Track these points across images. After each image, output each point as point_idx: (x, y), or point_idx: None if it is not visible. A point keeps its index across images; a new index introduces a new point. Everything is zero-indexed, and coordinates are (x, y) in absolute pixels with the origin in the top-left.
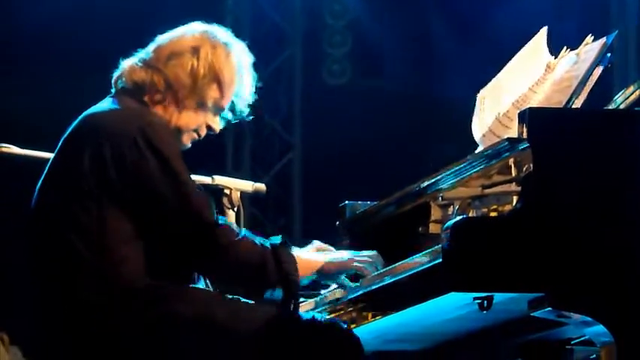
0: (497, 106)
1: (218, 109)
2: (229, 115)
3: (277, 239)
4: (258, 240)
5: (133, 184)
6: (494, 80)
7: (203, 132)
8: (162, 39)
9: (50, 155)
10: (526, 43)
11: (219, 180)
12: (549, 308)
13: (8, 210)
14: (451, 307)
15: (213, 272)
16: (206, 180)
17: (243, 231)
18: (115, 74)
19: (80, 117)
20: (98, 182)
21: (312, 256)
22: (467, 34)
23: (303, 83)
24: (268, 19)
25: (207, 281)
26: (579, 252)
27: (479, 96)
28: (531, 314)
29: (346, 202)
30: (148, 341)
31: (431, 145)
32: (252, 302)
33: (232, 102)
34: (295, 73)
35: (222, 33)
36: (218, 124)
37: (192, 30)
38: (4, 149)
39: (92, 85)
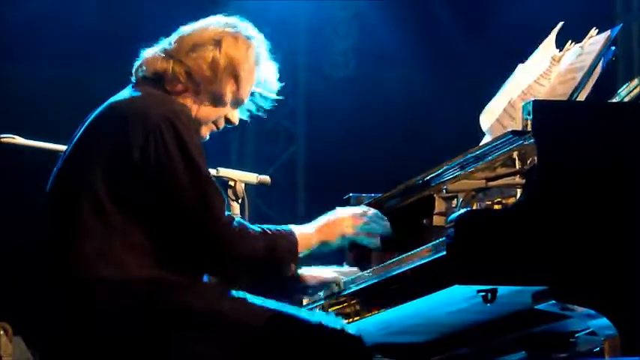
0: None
1: (237, 103)
2: (254, 109)
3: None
4: (256, 226)
5: (154, 170)
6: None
7: (221, 124)
8: (185, 30)
9: (55, 146)
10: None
11: (224, 172)
12: (553, 301)
13: (12, 199)
14: (455, 300)
15: (220, 269)
16: (211, 172)
17: (237, 219)
18: (136, 63)
19: (103, 105)
20: (122, 169)
21: (308, 229)
22: (473, 26)
23: (307, 74)
24: (272, 10)
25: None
26: (583, 245)
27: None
28: (535, 307)
29: (350, 194)
30: (154, 331)
31: (435, 137)
32: (258, 298)
33: (254, 96)
34: (299, 65)
35: (244, 26)
36: (236, 118)
37: (216, 22)
38: (7, 140)
39: (100, 75)
